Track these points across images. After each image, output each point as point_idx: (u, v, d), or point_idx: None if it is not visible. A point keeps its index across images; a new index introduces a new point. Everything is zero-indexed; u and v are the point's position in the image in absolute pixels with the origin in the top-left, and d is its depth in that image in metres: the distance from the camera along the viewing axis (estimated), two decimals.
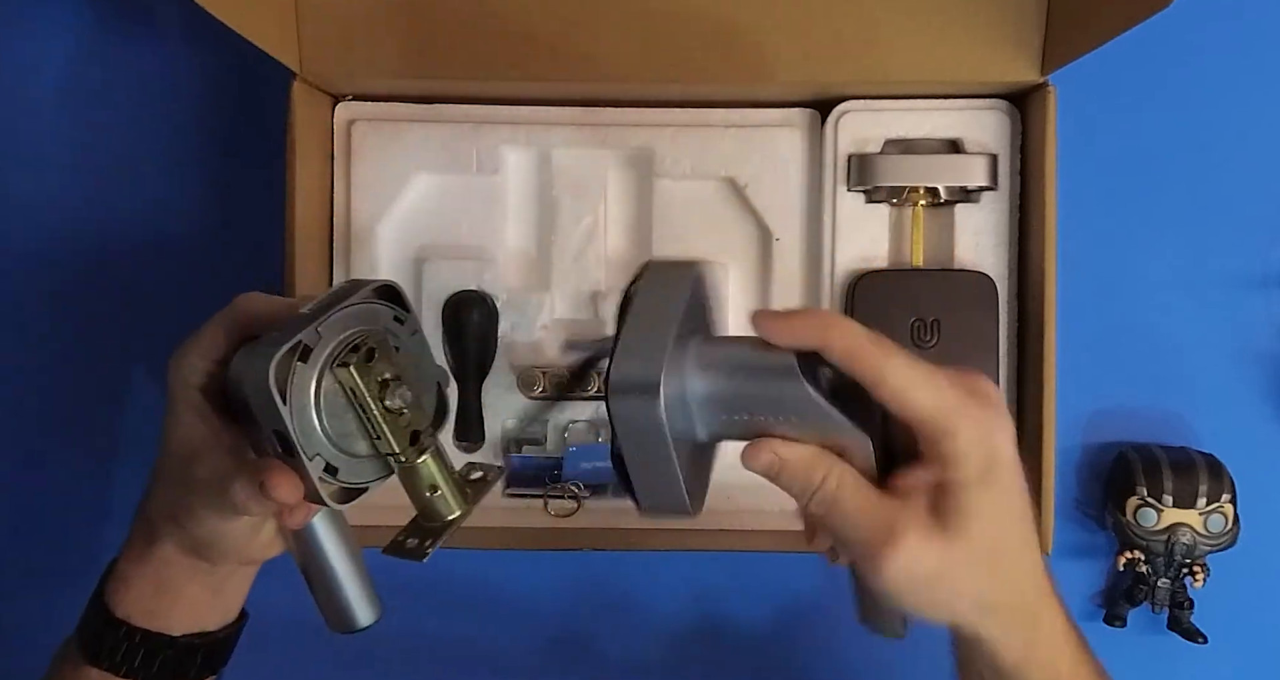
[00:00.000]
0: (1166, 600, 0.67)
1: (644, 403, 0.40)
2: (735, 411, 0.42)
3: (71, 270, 0.70)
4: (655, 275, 0.44)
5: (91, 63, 0.70)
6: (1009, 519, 0.42)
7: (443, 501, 0.48)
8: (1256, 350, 0.69)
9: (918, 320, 0.65)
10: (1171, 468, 0.65)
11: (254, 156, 0.69)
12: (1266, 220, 0.69)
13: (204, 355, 0.47)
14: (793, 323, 0.41)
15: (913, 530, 0.41)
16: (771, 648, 0.71)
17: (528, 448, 0.69)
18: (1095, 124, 0.68)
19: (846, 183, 0.66)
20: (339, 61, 0.63)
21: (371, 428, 0.46)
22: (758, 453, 0.42)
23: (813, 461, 0.42)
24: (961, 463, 0.40)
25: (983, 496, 0.41)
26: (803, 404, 0.41)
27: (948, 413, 0.40)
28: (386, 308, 0.49)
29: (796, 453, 0.42)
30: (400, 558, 0.47)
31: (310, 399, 0.44)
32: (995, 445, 0.41)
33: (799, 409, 0.41)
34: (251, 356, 0.44)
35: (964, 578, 0.42)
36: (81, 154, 0.70)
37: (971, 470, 0.41)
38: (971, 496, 0.41)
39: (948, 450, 0.40)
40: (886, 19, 0.62)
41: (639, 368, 0.40)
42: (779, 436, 0.42)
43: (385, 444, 0.46)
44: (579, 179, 0.67)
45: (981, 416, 0.41)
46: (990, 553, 0.42)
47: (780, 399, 0.41)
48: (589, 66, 0.62)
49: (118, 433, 0.70)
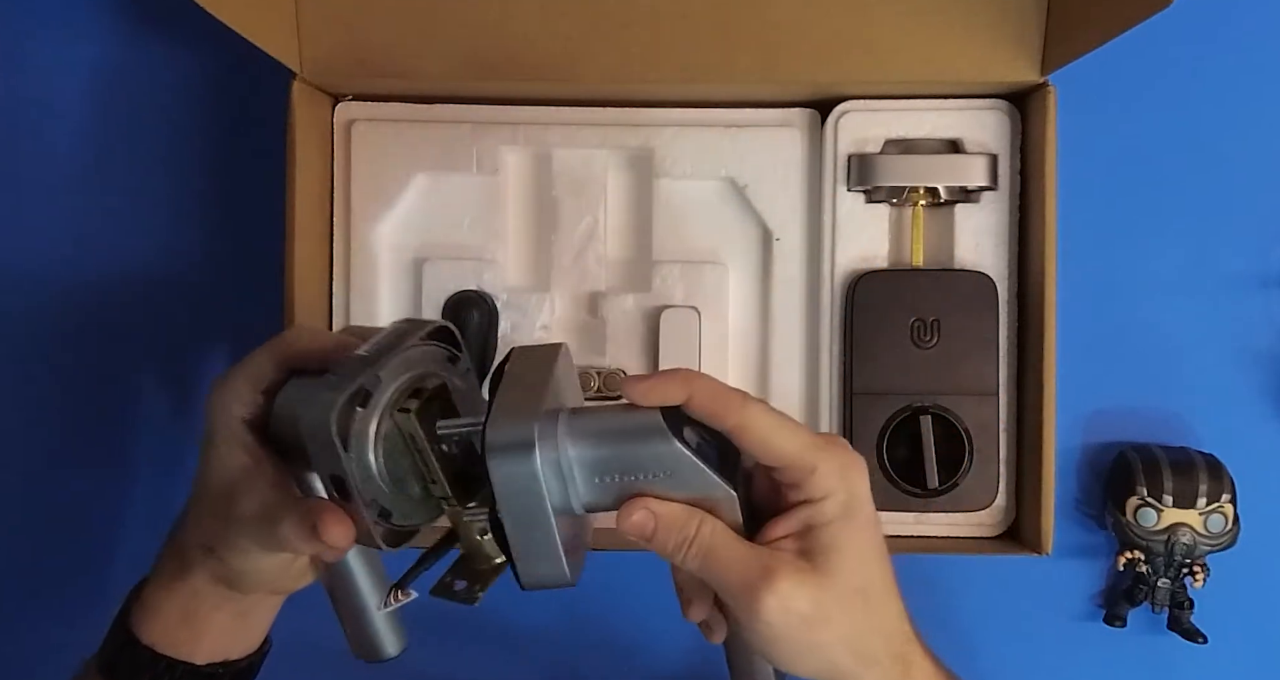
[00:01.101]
0: (1166, 600, 0.67)
1: (520, 461, 0.41)
2: (607, 473, 0.43)
3: (71, 270, 0.70)
4: (521, 356, 0.45)
5: (91, 63, 0.70)
6: (873, 556, 0.44)
7: (492, 544, 0.48)
8: (1256, 350, 0.69)
9: (918, 320, 0.65)
10: (1171, 468, 0.65)
11: (254, 156, 0.69)
12: (1266, 220, 0.69)
13: (250, 387, 0.47)
14: (655, 382, 0.42)
15: (786, 569, 0.42)
16: None
17: None
18: (1095, 124, 0.68)
19: (846, 183, 0.66)
20: (339, 61, 0.63)
21: (427, 471, 0.46)
22: (631, 510, 0.43)
23: (686, 515, 0.43)
24: (824, 499, 0.42)
25: (846, 531, 0.43)
26: (670, 460, 0.42)
27: (808, 451, 0.42)
28: (441, 349, 0.48)
29: (670, 508, 0.43)
30: (450, 601, 0.47)
31: (369, 444, 0.44)
32: (854, 481, 0.43)
33: (667, 466, 0.42)
34: (311, 400, 0.43)
35: (838, 618, 0.43)
36: (81, 154, 0.70)
37: (834, 506, 0.43)
38: (836, 532, 0.42)
39: (810, 487, 0.42)
40: (886, 19, 0.62)
41: (513, 429, 0.41)
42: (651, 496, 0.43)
43: (440, 488, 0.46)
44: (579, 179, 0.67)
45: (839, 453, 0.43)
46: (860, 592, 0.43)
47: (649, 457, 0.42)
48: (589, 66, 0.62)
49: (118, 431, 0.70)
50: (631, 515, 0.43)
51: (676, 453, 0.42)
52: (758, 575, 0.42)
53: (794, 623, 0.42)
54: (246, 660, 0.51)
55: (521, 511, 0.42)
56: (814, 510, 0.43)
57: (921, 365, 0.65)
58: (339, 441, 0.43)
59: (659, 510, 0.43)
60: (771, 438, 0.42)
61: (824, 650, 0.43)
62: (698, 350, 0.67)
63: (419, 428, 0.45)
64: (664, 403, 0.43)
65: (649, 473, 0.43)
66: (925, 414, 0.64)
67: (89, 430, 0.71)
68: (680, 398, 0.42)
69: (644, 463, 0.43)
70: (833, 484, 0.43)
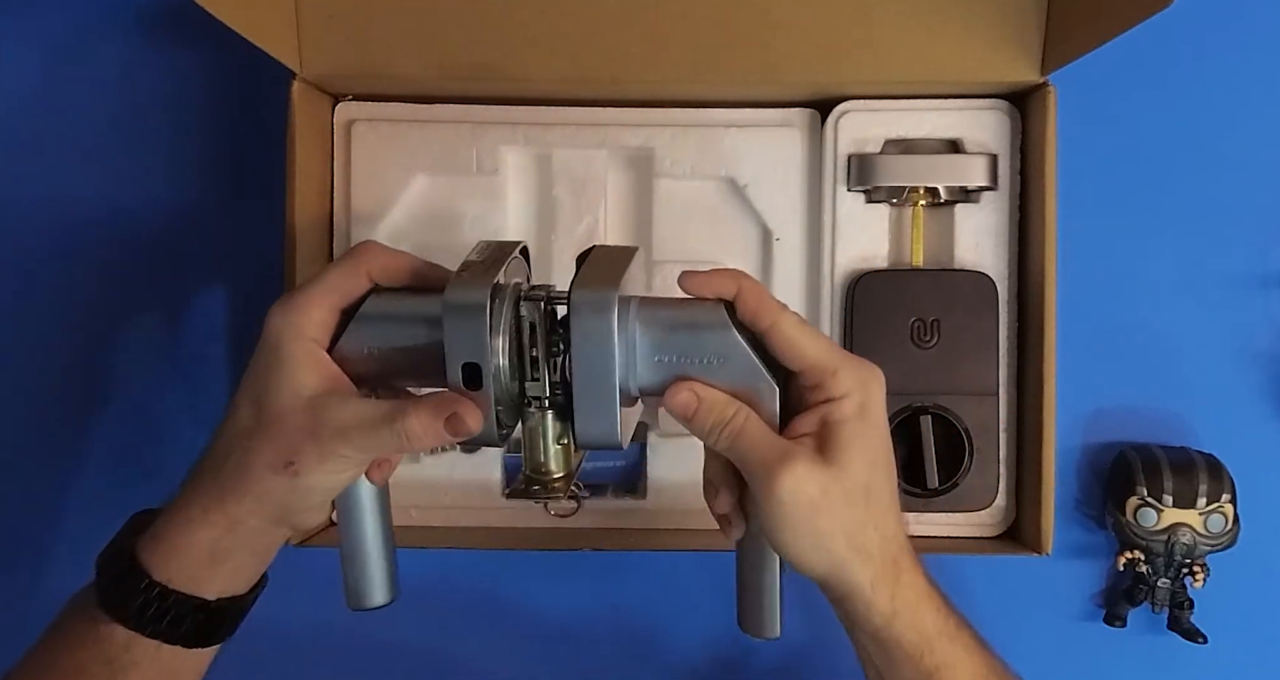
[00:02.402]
0: (1166, 600, 0.67)
1: (600, 316, 0.46)
2: (666, 354, 0.48)
3: (70, 270, 0.70)
4: (603, 249, 0.50)
5: (91, 63, 0.70)
6: (881, 462, 0.48)
7: (566, 453, 0.51)
8: (1256, 350, 0.69)
9: (918, 320, 0.65)
10: (1171, 468, 0.65)
11: (254, 156, 0.69)
12: (1266, 220, 0.69)
13: (327, 304, 0.49)
14: (710, 275, 0.48)
15: (803, 457, 0.46)
16: (772, 648, 0.71)
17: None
18: (1095, 124, 0.68)
19: (846, 183, 0.66)
20: (339, 61, 0.63)
21: (533, 369, 0.49)
22: (678, 390, 0.48)
23: (726, 401, 0.48)
24: (841, 399, 0.47)
25: (859, 432, 0.47)
26: (727, 347, 0.48)
27: (832, 355, 0.48)
28: (525, 265, 0.52)
29: (713, 392, 0.48)
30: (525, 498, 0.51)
31: (501, 333, 0.47)
32: (871, 388, 0.48)
33: (723, 352, 0.48)
34: (455, 287, 0.46)
35: (841, 509, 0.47)
36: (81, 155, 0.70)
37: (851, 406, 0.47)
38: (850, 431, 0.47)
39: (830, 387, 0.47)
40: (886, 19, 0.62)
41: (597, 289, 0.47)
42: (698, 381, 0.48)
43: (540, 386, 0.49)
44: (579, 179, 0.67)
45: (859, 365, 0.48)
46: (865, 492, 0.47)
47: (709, 342, 0.48)
48: (589, 66, 0.62)
49: (119, 430, 0.70)
50: (678, 395, 0.48)
51: (734, 340, 0.47)
52: (778, 457, 0.46)
53: (803, 505, 0.46)
54: (250, 595, 0.52)
55: (591, 367, 0.47)
56: (832, 407, 0.47)
57: (921, 365, 0.65)
58: (489, 324, 0.46)
59: (703, 393, 0.48)
60: (800, 340, 0.47)
61: (825, 538, 0.47)
62: None
63: (542, 316, 0.48)
64: (716, 294, 0.48)
65: (704, 358, 0.48)
66: (925, 414, 0.65)
67: (84, 434, 0.71)
68: (730, 291, 0.48)
69: (703, 347, 0.48)
70: (851, 386, 0.47)
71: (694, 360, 0.48)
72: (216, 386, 0.70)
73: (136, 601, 0.48)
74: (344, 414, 0.47)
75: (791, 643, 0.71)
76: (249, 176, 0.70)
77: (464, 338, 0.46)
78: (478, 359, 0.47)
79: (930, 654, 0.49)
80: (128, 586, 0.48)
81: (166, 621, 0.48)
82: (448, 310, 0.46)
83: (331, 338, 0.49)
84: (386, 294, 0.49)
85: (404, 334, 0.49)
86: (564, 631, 0.71)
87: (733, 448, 0.48)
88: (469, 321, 0.46)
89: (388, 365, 0.49)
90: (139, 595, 0.48)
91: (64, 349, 0.70)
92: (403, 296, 0.50)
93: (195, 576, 0.49)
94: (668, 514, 0.68)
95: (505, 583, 0.71)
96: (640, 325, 0.48)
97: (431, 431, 0.47)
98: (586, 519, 0.68)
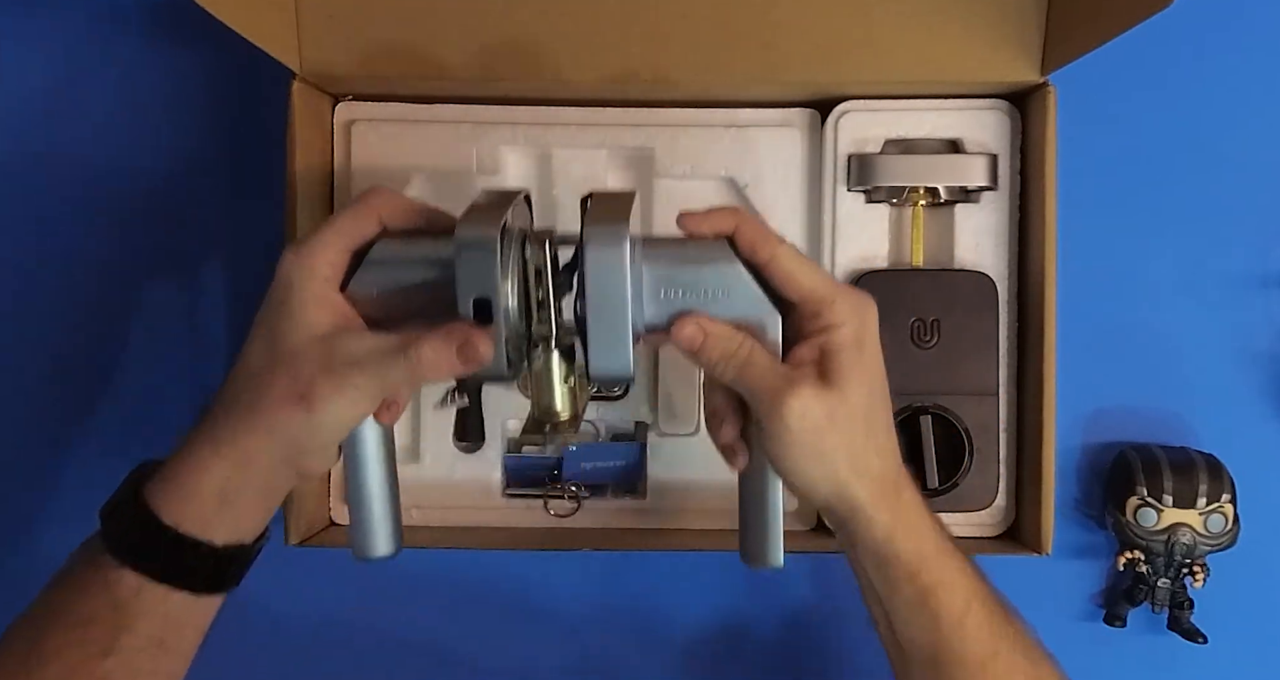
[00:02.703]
0: (1166, 600, 0.67)
1: (613, 249, 0.48)
2: (672, 289, 0.50)
3: (70, 268, 0.70)
4: (603, 194, 0.51)
5: (91, 63, 0.70)
6: (878, 389, 0.50)
7: (572, 395, 0.54)
8: (1256, 350, 0.69)
9: (918, 320, 0.65)
10: (1171, 468, 0.65)
11: (254, 156, 0.69)
12: (1266, 220, 0.69)
13: (339, 246, 0.50)
14: (709, 214, 0.50)
15: (807, 382, 0.48)
16: (772, 648, 0.71)
17: (527, 448, 0.69)
18: (1095, 124, 0.68)
19: (846, 183, 0.66)
20: (339, 61, 0.63)
21: (538, 309, 0.51)
22: (684, 325, 0.50)
23: (732, 332, 0.50)
24: (839, 328, 0.49)
25: (856, 360, 0.49)
26: (731, 279, 0.50)
27: (828, 286, 0.50)
28: (529, 212, 0.54)
29: (718, 325, 0.50)
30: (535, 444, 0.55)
31: (510, 272, 0.49)
32: (866, 317, 0.50)
33: (727, 284, 0.50)
34: (469, 225, 0.48)
35: (843, 432, 0.49)
36: (80, 155, 0.70)
37: (848, 333, 0.49)
38: (848, 359, 0.49)
39: (828, 315, 0.49)
40: (886, 19, 0.62)
41: (608, 224, 0.48)
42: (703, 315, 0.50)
43: (546, 326, 0.51)
44: (579, 179, 0.67)
45: (854, 294, 0.50)
46: (864, 414, 0.49)
47: (713, 275, 0.50)
48: (589, 66, 0.62)
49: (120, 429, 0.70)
50: (685, 329, 0.49)
51: (739, 272, 0.50)
52: (784, 384, 0.48)
53: (808, 428, 0.48)
54: (255, 545, 0.52)
55: (605, 299, 0.48)
56: (830, 336, 0.49)
57: (921, 365, 0.65)
58: (499, 259, 0.47)
59: (708, 326, 0.50)
60: (799, 271, 0.49)
61: (828, 458, 0.49)
62: None
63: (549, 257, 0.51)
64: (715, 231, 0.50)
65: (709, 292, 0.50)
66: (925, 414, 0.65)
67: (86, 433, 0.71)
68: (729, 227, 0.50)
69: (707, 281, 0.50)
70: (847, 315, 0.49)
71: (698, 294, 0.50)
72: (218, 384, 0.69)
73: (147, 545, 0.48)
74: (357, 346, 0.48)
75: (791, 645, 0.71)
76: (249, 176, 0.70)
77: (475, 273, 0.48)
78: (488, 294, 0.48)
79: (927, 571, 0.50)
80: (138, 531, 0.48)
81: (176, 565, 0.49)
82: (460, 245, 0.48)
83: (342, 280, 0.50)
84: (396, 237, 0.51)
85: (413, 275, 0.50)
86: (564, 631, 0.71)
87: (739, 378, 0.49)
88: (480, 257, 0.47)
89: (397, 306, 0.50)
90: (149, 539, 0.48)
91: (64, 348, 0.70)
92: (412, 240, 0.51)
93: (205, 519, 0.49)
94: (668, 514, 0.68)
95: (505, 582, 0.71)
96: (645, 263, 0.50)
97: (444, 358, 0.47)
98: (586, 519, 0.68)
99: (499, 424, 0.68)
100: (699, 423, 0.67)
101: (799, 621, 0.71)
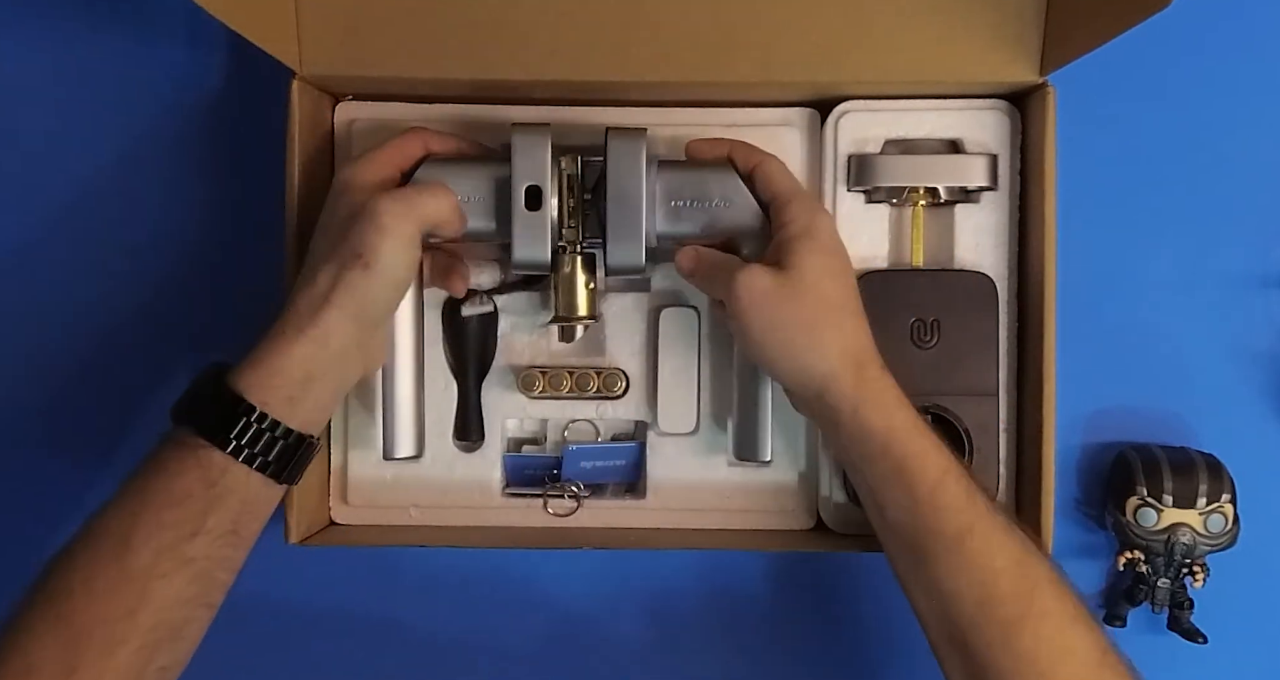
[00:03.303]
0: (1166, 600, 0.67)
1: (633, 144, 0.59)
2: (682, 198, 0.60)
3: (69, 270, 0.70)
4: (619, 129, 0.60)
5: (91, 63, 0.70)
6: (835, 273, 0.57)
7: (591, 296, 0.62)
8: (1256, 350, 0.69)
9: (918, 320, 0.65)
10: (1171, 468, 0.65)
11: (254, 156, 0.69)
12: (1266, 220, 0.69)
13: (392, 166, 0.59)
14: (714, 143, 0.61)
15: (757, 264, 0.56)
16: (773, 647, 0.71)
17: (527, 447, 0.69)
18: (1095, 124, 0.68)
19: (846, 183, 0.66)
20: (339, 61, 0.63)
21: (569, 215, 0.60)
22: (684, 255, 0.60)
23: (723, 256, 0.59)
24: (792, 223, 0.57)
25: (806, 246, 0.56)
26: (732, 189, 0.59)
27: (793, 192, 0.58)
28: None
29: (709, 252, 0.60)
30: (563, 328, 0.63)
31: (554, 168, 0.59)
32: (819, 217, 0.57)
33: (729, 194, 0.59)
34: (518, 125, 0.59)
35: (795, 302, 0.55)
36: (80, 155, 0.70)
37: (798, 227, 0.56)
38: (796, 245, 0.56)
39: (784, 216, 0.57)
40: (886, 19, 0.62)
41: (628, 131, 0.59)
42: (701, 244, 0.60)
43: (573, 232, 0.60)
44: None
45: (810, 200, 0.59)
46: (814, 291, 0.55)
47: (717, 185, 0.60)
48: (589, 66, 0.62)
49: (119, 429, 0.70)
50: (686, 254, 0.60)
51: (738, 183, 0.60)
52: (738, 267, 0.56)
53: (757, 300, 0.55)
54: (315, 445, 0.56)
55: (624, 197, 0.58)
56: (785, 230, 0.57)
57: (921, 365, 0.65)
58: (550, 152, 0.58)
59: (703, 253, 0.60)
60: (776, 175, 0.59)
61: (784, 329, 0.55)
62: (697, 350, 0.67)
63: (580, 170, 0.60)
64: (716, 154, 0.61)
65: (713, 201, 0.60)
66: (925, 414, 0.64)
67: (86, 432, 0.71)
68: (727, 150, 0.60)
69: (712, 190, 0.60)
70: (799, 213, 0.57)
71: (705, 203, 0.59)
72: None
73: (237, 424, 0.52)
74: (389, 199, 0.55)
75: (791, 645, 0.71)
76: (249, 176, 0.70)
77: (529, 162, 0.58)
78: (540, 181, 0.58)
79: (898, 443, 0.54)
80: (228, 411, 0.52)
81: (261, 445, 0.53)
82: (517, 134, 0.58)
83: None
84: (435, 162, 0.59)
85: (458, 186, 0.58)
86: (564, 631, 0.71)
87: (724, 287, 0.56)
88: (534, 145, 0.58)
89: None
90: (238, 418, 0.52)
91: (63, 349, 0.70)
92: (453, 161, 0.60)
93: (290, 399, 0.53)
94: (667, 514, 0.68)
95: (505, 581, 0.71)
96: (660, 178, 0.59)
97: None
98: (586, 518, 0.68)
99: (499, 423, 0.68)
100: (699, 423, 0.67)
101: (799, 621, 0.71)
